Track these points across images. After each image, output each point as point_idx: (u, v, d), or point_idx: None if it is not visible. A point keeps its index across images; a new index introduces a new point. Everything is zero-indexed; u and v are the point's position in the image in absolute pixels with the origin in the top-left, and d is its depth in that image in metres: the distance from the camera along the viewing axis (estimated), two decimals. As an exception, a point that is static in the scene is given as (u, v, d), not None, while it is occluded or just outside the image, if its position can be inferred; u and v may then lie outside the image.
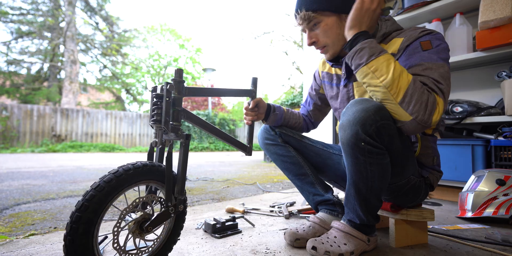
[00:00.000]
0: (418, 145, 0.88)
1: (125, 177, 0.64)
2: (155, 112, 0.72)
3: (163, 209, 0.72)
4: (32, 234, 1.11)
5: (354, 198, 0.83)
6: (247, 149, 1.02)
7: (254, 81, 1.04)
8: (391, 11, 2.07)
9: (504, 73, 1.61)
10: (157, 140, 0.73)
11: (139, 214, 0.69)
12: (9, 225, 1.28)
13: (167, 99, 0.71)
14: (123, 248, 0.66)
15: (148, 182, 0.71)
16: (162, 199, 0.74)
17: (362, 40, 0.76)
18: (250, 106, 1.04)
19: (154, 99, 0.72)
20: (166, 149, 0.77)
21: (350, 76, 0.97)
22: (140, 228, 0.68)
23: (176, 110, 0.72)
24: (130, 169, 0.65)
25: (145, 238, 0.71)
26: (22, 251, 0.91)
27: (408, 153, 0.81)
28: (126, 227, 0.68)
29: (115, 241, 0.64)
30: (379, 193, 0.81)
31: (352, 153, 0.75)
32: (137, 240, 0.70)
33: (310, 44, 0.94)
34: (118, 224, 0.64)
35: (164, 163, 0.73)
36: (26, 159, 5.65)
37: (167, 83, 0.71)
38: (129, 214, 0.69)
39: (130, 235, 0.68)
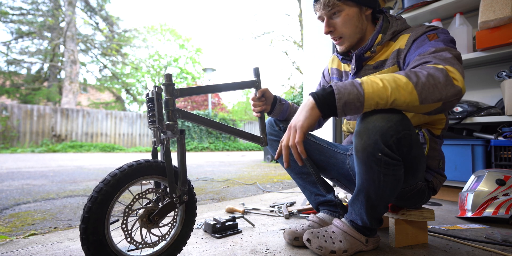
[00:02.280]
0: (427, 147, 0.87)
1: (139, 168, 0.72)
2: (150, 114, 0.76)
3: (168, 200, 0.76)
4: (32, 234, 1.11)
5: (361, 203, 0.82)
6: (261, 140, 0.99)
7: (257, 71, 1.01)
8: (391, 11, 2.07)
9: (504, 73, 1.61)
10: (155, 140, 0.78)
11: (150, 205, 0.74)
12: (9, 225, 1.28)
13: (158, 100, 0.76)
14: (129, 232, 0.69)
15: (154, 177, 0.76)
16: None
17: (331, 98, 0.67)
18: (257, 96, 1.00)
19: (148, 103, 0.77)
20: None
21: (359, 71, 0.97)
22: (148, 219, 0.73)
23: (169, 111, 0.76)
24: (141, 163, 0.73)
25: (152, 232, 0.74)
26: (22, 251, 0.91)
27: (422, 160, 0.79)
28: (136, 213, 0.73)
29: (124, 222, 0.68)
30: (388, 201, 0.80)
31: (367, 162, 0.72)
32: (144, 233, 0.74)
33: (327, 33, 0.93)
34: (130, 206, 0.69)
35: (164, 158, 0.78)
36: (26, 159, 5.65)
37: (155, 86, 0.76)
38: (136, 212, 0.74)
39: (138, 223, 0.72)
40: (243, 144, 12.40)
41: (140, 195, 0.71)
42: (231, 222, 1.10)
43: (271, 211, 1.45)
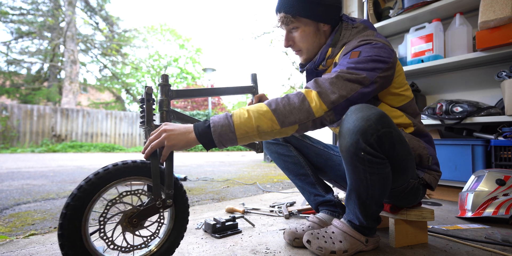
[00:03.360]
0: None
1: (112, 172, 0.68)
2: (142, 114, 0.76)
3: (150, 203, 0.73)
4: (32, 234, 1.11)
5: (354, 202, 0.82)
6: (257, 147, 1.00)
7: (254, 77, 1.03)
8: (391, 11, 2.07)
9: (504, 73, 1.61)
10: (146, 140, 0.75)
11: (129, 207, 0.71)
12: (9, 225, 1.28)
13: (148, 101, 0.75)
14: (110, 239, 0.67)
15: (139, 178, 0.73)
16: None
17: (208, 130, 0.71)
18: (254, 102, 1.02)
19: (141, 103, 0.77)
20: None
21: None
22: (130, 222, 0.70)
23: (164, 111, 0.76)
24: (117, 164, 0.69)
25: (140, 234, 0.72)
26: (22, 251, 0.91)
27: (408, 157, 0.80)
28: (114, 219, 0.71)
29: (101, 230, 0.66)
30: (380, 199, 0.80)
31: (351, 161, 0.74)
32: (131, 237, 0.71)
33: (286, 46, 0.96)
34: (104, 215, 0.66)
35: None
36: (26, 159, 5.65)
37: (146, 86, 0.75)
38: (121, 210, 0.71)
39: (120, 228, 0.69)
40: (243, 144, 12.41)
41: (115, 200, 0.67)
42: (231, 222, 1.10)
43: (271, 211, 1.45)
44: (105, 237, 0.66)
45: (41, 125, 9.37)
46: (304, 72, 1.04)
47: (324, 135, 2.31)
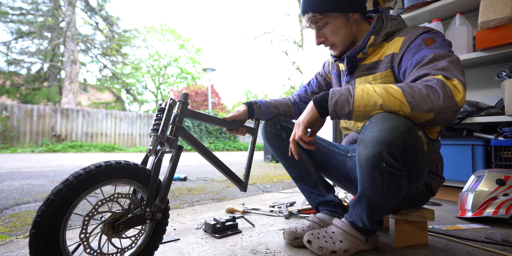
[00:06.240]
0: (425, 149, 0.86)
1: (103, 171, 0.67)
2: (156, 122, 0.77)
3: (138, 211, 0.71)
4: (32, 234, 1.11)
5: (362, 207, 0.81)
6: (242, 184, 1.02)
7: (257, 124, 1.11)
8: (391, 11, 2.07)
9: (504, 73, 1.61)
10: (151, 148, 0.75)
11: (108, 215, 0.69)
12: (9, 225, 1.28)
13: (169, 112, 0.77)
14: (98, 251, 0.65)
15: (129, 181, 0.71)
16: (141, 202, 0.73)
17: (326, 98, 0.75)
18: (228, 118, 1.04)
19: (158, 112, 0.78)
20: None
21: (352, 72, 0.97)
22: (113, 228, 0.67)
23: (175, 126, 0.77)
24: (111, 164, 0.68)
25: (124, 235, 0.70)
26: (22, 251, 0.91)
27: (426, 168, 0.77)
28: (95, 232, 0.67)
29: (86, 246, 0.63)
30: (390, 207, 0.80)
31: (370, 171, 0.72)
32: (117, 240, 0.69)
33: (319, 44, 0.95)
34: (84, 231, 0.63)
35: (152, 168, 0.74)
36: (26, 159, 5.65)
37: (171, 99, 0.78)
38: (101, 216, 0.69)
39: (104, 237, 0.67)
40: (243, 144, 12.39)
41: (103, 201, 0.66)
42: (231, 222, 1.10)
43: (271, 211, 1.45)
44: (84, 238, 0.64)
45: (41, 125, 9.36)
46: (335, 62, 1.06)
47: (325, 134, 2.31)
